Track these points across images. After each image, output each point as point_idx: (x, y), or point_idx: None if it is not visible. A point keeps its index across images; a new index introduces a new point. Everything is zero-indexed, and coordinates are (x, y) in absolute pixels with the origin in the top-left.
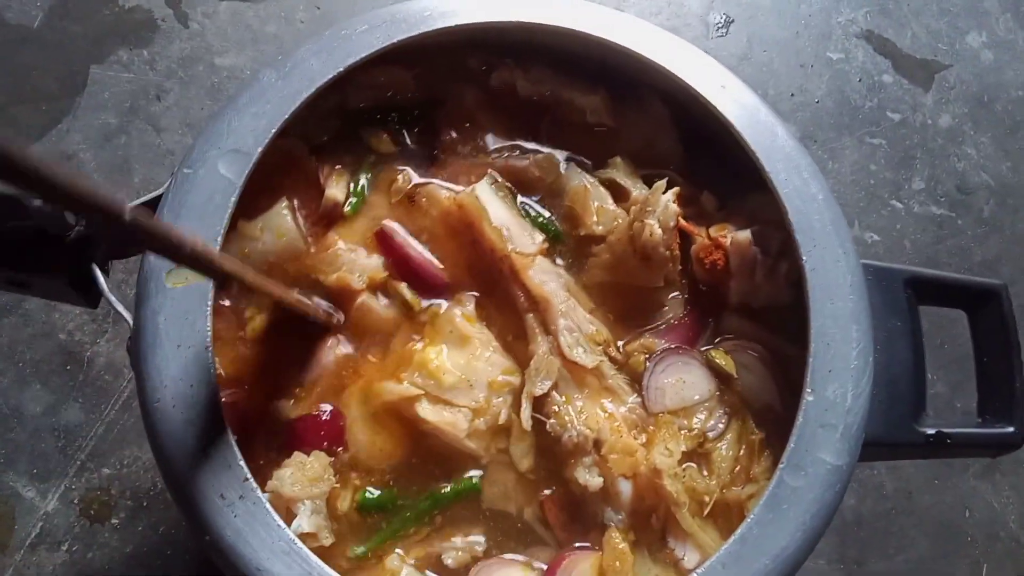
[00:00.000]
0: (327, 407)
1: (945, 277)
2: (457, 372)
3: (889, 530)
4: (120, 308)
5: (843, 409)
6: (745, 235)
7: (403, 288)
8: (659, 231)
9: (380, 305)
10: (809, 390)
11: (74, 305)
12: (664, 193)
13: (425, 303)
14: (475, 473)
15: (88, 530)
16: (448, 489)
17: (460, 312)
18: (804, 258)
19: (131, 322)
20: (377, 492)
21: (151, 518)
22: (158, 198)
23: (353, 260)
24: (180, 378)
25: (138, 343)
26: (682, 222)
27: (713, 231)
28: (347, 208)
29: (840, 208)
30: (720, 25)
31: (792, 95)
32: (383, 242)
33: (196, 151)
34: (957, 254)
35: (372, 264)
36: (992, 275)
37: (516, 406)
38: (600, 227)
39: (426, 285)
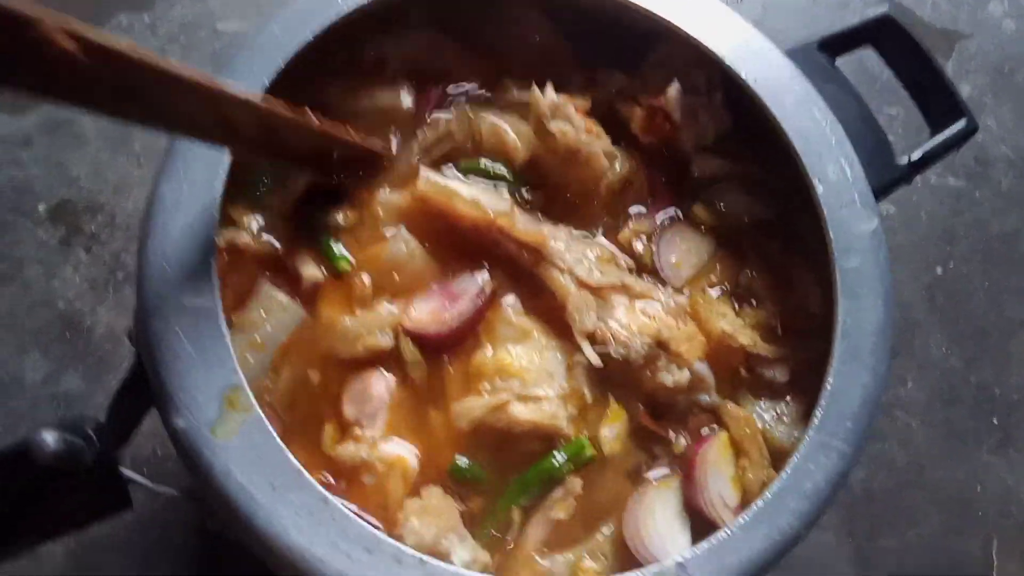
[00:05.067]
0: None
1: (844, 28)
2: (535, 365)
3: (900, 505)
4: (169, 491)
5: (850, 182)
6: (674, 89)
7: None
8: (567, 127)
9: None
10: (816, 180)
11: (113, 516)
12: (544, 95)
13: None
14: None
15: None
16: (564, 460)
17: (511, 308)
18: (746, 78)
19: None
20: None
21: (170, 479)
22: (135, 376)
23: (364, 322)
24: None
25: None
26: (577, 106)
27: (643, 100)
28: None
29: (749, 24)
30: None
31: None
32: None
33: (148, 299)
34: (974, 227)
35: (386, 315)
36: (1011, 250)
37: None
38: (524, 151)
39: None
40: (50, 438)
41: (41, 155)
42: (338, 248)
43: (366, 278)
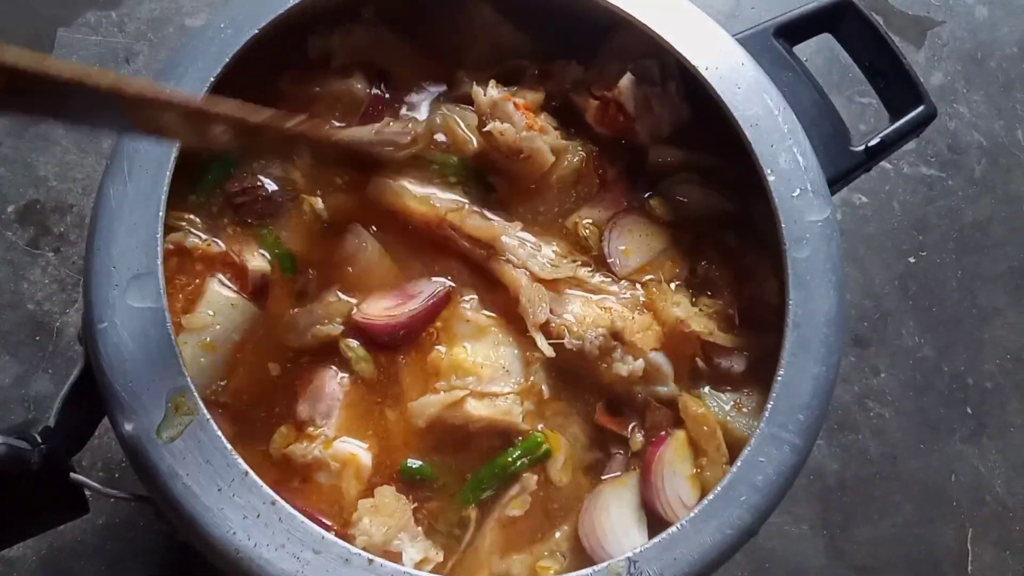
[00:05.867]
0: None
1: (800, 12)
2: (491, 362)
3: (873, 495)
4: (120, 495)
5: (802, 171)
6: (626, 80)
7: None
8: (506, 126)
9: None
10: (768, 170)
11: (69, 521)
12: (484, 93)
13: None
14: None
15: None
16: (518, 455)
17: (468, 305)
18: (697, 65)
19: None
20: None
21: (128, 484)
22: (81, 375)
23: (315, 310)
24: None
25: None
26: (518, 103)
27: (596, 91)
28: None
29: (701, 12)
30: None
31: None
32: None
33: (95, 302)
34: (947, 215)
35: (336, 304)
36: (984, 237)
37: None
38: (475, 145)
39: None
40: None
41: (9, 156)
42: (284, 250)
43: (314, 272)
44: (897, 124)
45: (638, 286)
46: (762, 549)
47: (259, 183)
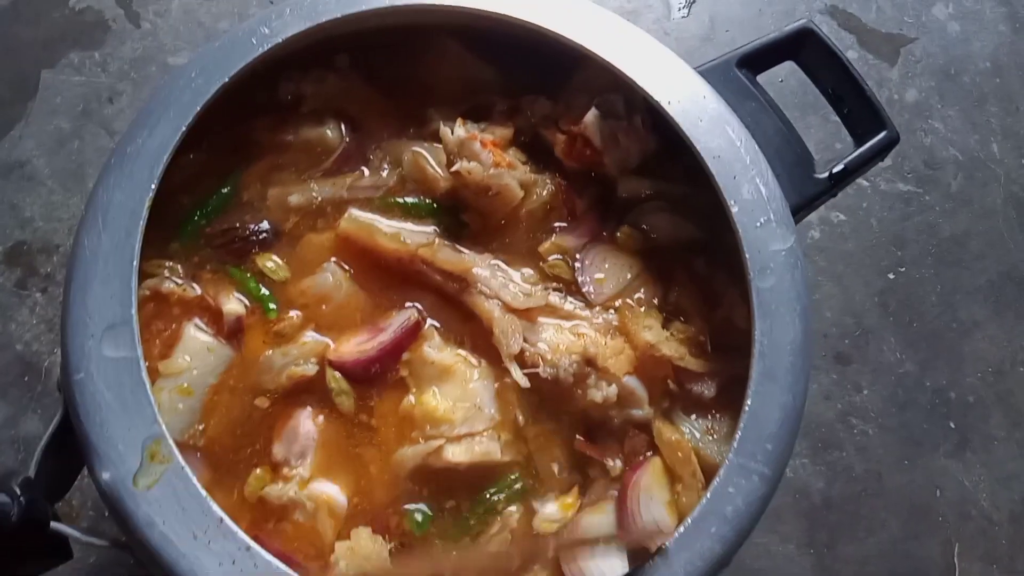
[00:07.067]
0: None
1: (761, 42)
2: (462, 403)
3: (859, 513)
4: (100, 542)
5: (764, 201)
6: (591, 115)
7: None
8: (473, 165)
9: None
10: (732, 201)
11: (53, 568)
12: (451, 132)
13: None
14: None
15: None
16: (499, 497)
17: (431, 347)
18: (659, 100)
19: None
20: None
21: (113, 528)
22: (61, 425)
23: (290, 351)
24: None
25: None
26: (485, 140)
27: (563, 126)
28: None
29: (664, 47)
30: (682, 6)
31: None
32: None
33: (71, 352)
34: (925, 230)
35: (311, 344)
36: (962, 251)
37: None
38: (445, 182)
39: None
40: None
41: None
42: (264, 289)
43: (295, 313)
44: (860, 150)
45: (611, 311)
46: (749, 570)
47: (236, 225)
